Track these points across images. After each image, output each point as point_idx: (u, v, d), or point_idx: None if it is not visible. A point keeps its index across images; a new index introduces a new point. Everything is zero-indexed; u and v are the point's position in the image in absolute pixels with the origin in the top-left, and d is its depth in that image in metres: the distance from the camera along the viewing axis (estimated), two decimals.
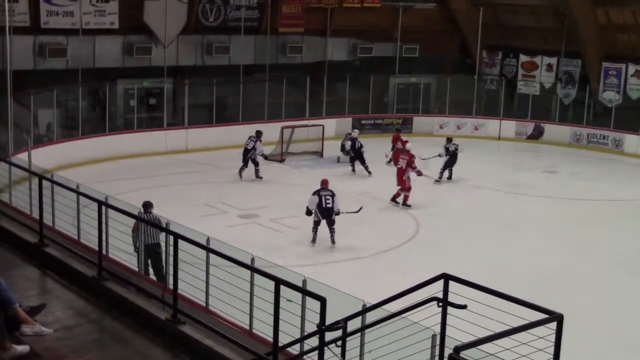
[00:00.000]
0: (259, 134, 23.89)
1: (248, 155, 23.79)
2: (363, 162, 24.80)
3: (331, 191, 17.72)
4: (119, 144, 26.14)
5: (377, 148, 25.56)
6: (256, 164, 23.78)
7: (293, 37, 31.21)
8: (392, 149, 25.71)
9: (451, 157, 24.09)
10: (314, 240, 17.66)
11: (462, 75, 34.57)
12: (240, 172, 23.73)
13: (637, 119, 29.90)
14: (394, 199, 21.18)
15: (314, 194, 17.64)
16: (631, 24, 30.28)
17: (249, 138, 23.95)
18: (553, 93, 33.12)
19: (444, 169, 24.01)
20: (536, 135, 32.69)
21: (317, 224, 17.64)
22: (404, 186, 21.00)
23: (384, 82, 33.88)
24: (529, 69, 33.73)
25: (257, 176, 23.72)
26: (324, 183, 17.97)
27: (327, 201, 17.48)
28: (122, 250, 11.37)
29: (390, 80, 34.01)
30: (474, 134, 32.98)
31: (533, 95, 33.26)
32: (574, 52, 32.18)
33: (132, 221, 11.03)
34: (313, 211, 17.56)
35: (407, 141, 23.91)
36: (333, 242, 17.57)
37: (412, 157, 21.29)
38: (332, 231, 17.55)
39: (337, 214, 17.61)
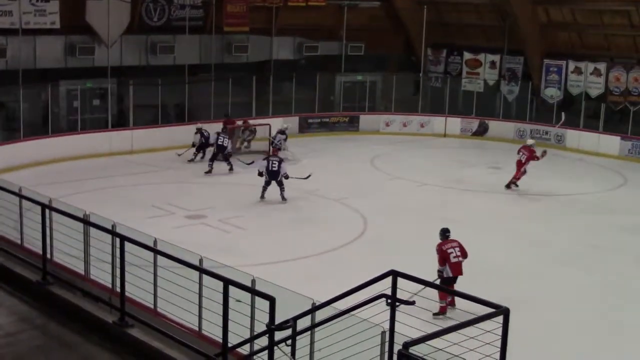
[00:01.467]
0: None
1: (224, 152, 24.65)
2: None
3: (279, 158, 21.46)
4: (63, 146, 25.69)
5: (326, 146, 25.58)
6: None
7: (238, 36, 31.09)
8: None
9: None
10: (262, 197, 21.02)
11: (407, 73, 34.86)
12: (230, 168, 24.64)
13: (577, 115, 30.53)
14: (510, 185, 23.43)
15: (264, 159, 21.37)
16: (570, 22, 30.92)
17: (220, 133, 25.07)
18: (497, 90, 33.61)
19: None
20: (481, 131, 33.14)
21: (267, 184, 21.00)
22: (518, 174, 23.45)
23: (330, 80, 33.98)
24: (473, 67, 34.17)
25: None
26: (274, 152, 22.42)
27: (274, 165, 20.82)
28: (67, 253, 11.18)
29: (337, 79, 34.13)
30: (420, 131, 33.29)
31: (477, 92, 33.72)
32: (517, 49, 32.72)
33: (76, 224, 10.84)
34: (263, 172, 20.91)
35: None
36: (283, 198, 20.85)
37: (532, 152, 23.38)
38: (281, 190, 20.85)
39: (286, 177, 20.87)
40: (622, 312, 14.32)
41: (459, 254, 13.65)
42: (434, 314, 11.97)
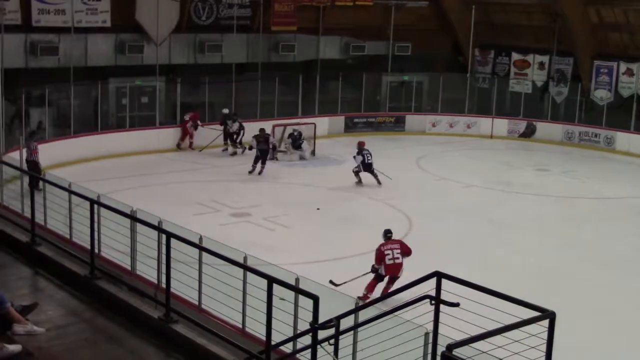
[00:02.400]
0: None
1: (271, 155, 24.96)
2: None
3: (368, 150, 23.14)
4: (111, 143, 26.06)
5: (372, 146, 25.39)
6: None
7: (285, 36, 31.19)
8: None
9: None
10: (359, 182, 23.17)
11: (454, 73, 34.61)
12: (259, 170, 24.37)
13: (628, 117, 30.03)
14: None
15: (358, 154, 23.15)
16: (622, 23, 30.36)
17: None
18: (545, 91, 33.19)
19: None
20: (528, 133, 32.75)
21: (357, 174, 23.08)
22: None
23: (377, 80, 33.87)
24: (521, 67, 33.78)
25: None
26: (362, 144, 23.48)
27: (369, 158, 23.04)
28: (114, 249, 11.34)
29: (383, 79, 34.01)
30: (466, 132, 33.03)
31: (525, 94, 33.33)
32: (566, 50, 32.25)
33: (123, 220, 10.99)
34: (359, 167, 22.98)
35: None
36: (379, 182, 23.02)
37: None
38: (375, 176, 23.02)
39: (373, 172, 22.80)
40: None
41: (397, 255, 14.32)
42: (358, 297, 12.15)
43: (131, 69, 27.68)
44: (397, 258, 14.32)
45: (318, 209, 20.51)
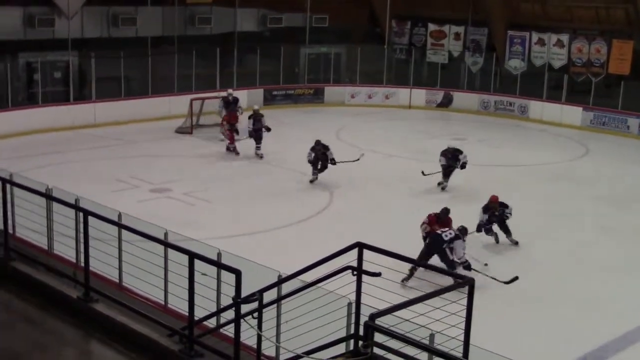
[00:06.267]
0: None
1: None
2: None
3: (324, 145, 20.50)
4: (23, 120, 25.29)
5: (291, 118, 25.47)
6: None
7: (201, 8, 30.73)
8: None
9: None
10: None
11: (372, 45, 34.79)
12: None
13: (541, 86, 30.81)
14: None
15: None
16: None
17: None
18: (461, 61, 33.70)
19: None
20: (445, 103, 33.26)
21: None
22: None
23: (295, 52, 33.78)
24: (437, 38, 34.18)
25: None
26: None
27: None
28: (30, 229, 11.06)
29: (301, 51, 33.94)
30: (384, 103, 33.32)
31: (442, 64, 33.78)
32: (481, 20, 32.79)
33: (38, 199, 10.71)
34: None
35: None
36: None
37: None
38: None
39: (334, 163, 20.26)
40: (587, 280, 14.52)
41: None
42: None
43: (42, 43, 26.86)
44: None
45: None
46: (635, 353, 11.64)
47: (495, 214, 15.97)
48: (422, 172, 20.15)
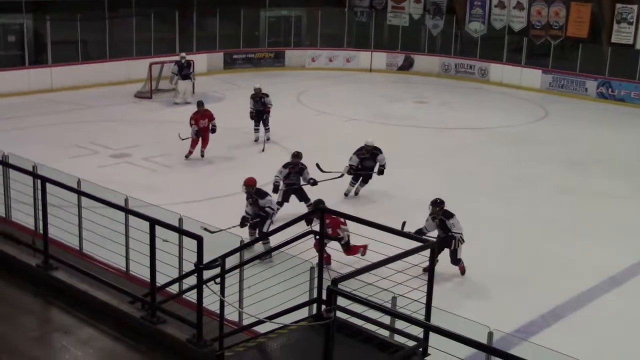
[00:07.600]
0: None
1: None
2: None
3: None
4: None
5: (252, 82, 25.20)
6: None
7: None
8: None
9: None
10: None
11: (332, 7, 34.57)
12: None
13: (501, 49, 30.95)
14: None
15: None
16: None
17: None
18: (422, 24, 33.66)
19: None
20: (406, 66, 33.27)
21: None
22: None
23: (255, 15, 33.45)
24: (398, 1, 34.06)
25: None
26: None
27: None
28: None
29: (261, 14, 33.62)
30: (345, 66, 33.24)
31: (403, 27, 33.72)
32: None
33: None
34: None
35: None
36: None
37: None
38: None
39: (314, 184, 15.60)
40: (544, 241, 14.71)
41: None
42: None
43: None
44: None
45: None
46: (593, 311, 11.85)
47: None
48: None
